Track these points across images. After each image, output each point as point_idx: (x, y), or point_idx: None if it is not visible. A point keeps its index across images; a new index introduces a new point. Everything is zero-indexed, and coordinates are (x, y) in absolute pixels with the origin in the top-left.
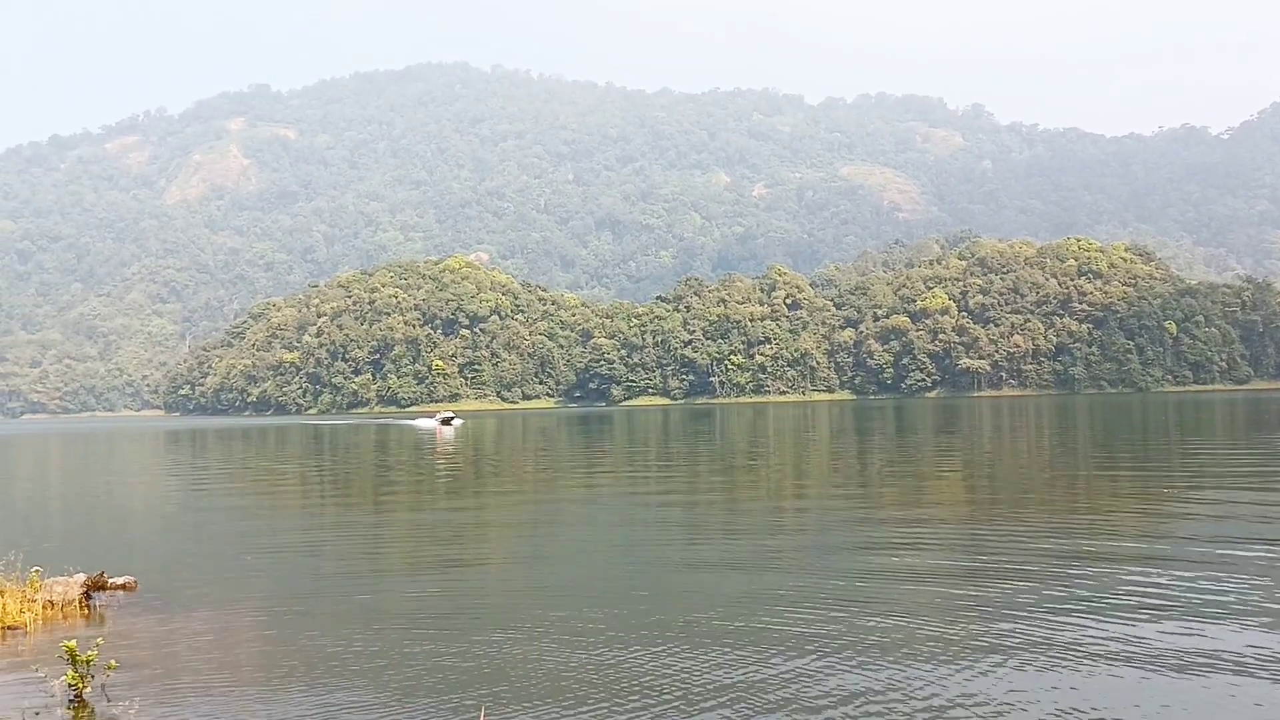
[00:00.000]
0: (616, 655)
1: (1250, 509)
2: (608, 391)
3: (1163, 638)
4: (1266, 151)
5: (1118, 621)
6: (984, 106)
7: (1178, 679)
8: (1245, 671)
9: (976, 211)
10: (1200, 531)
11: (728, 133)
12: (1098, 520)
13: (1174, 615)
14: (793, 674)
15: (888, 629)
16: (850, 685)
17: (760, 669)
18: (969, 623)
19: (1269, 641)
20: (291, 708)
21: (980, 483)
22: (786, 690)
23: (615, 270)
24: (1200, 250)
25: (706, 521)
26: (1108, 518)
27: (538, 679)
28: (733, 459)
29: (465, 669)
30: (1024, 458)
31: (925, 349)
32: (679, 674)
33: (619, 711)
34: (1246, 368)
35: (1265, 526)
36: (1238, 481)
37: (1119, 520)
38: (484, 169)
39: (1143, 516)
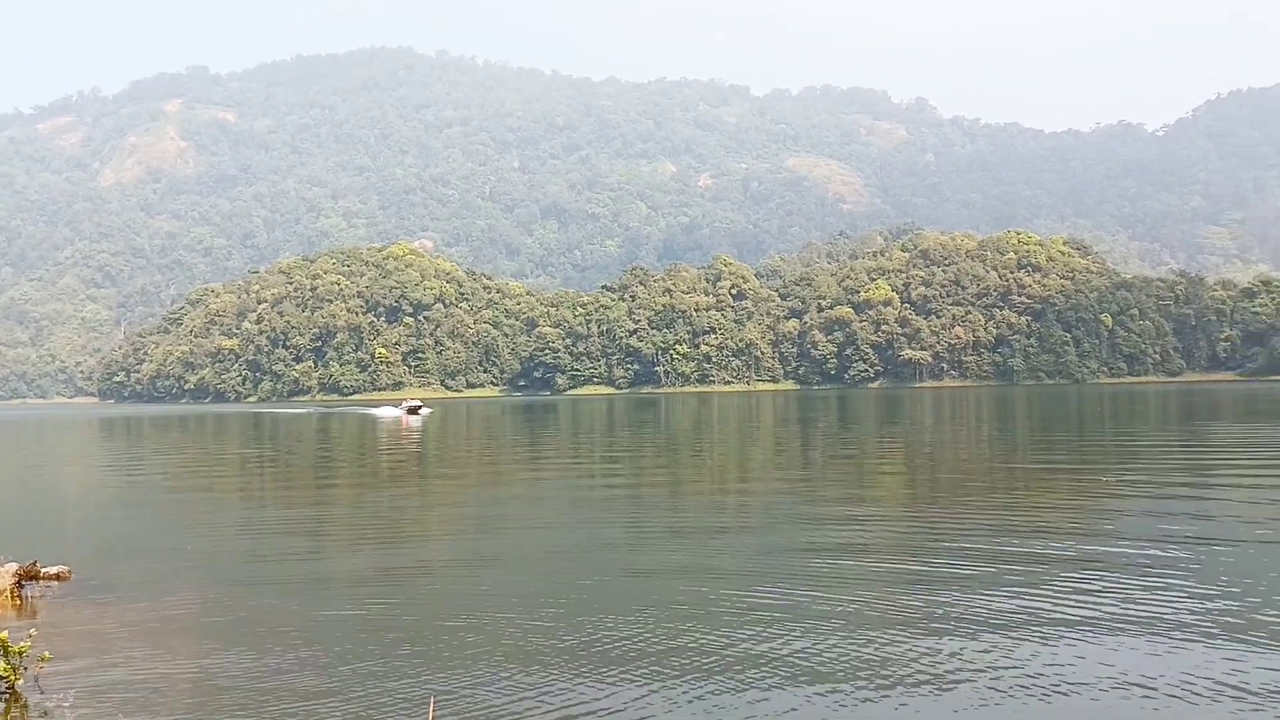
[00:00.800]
0: (567, 637)
1: (1183, 493)
2: (552, 380)
3: (1098, 608)
4: (1200, 149)
5: (1058, 598)
6: (927, 100)
7: (1114, 641)
8: (1180, 630)
9: (919, 204)
10: (1134, 512)
11: (674, 123)
12: (1036, 506)
13: (1109, 590)
14: (742, 645)
15: (833, 603)
16: (799, 655)
17: (712, 642)
18: (912, 598)
19: (1193, 604)
20: (230, 698)
21: (921, 471)
22: (738, 662)
23: (561, 259)
24: (1135, 245)
25: (652, 506)
26: (1046, 504)
27: (488, 666)
28: (677, 448)
29: (413, 657)
30: (964, 447)
31: (868, 340)
32: (632, 651)
33: (573, 691)
34: (1180, 360)
35: (1197, 504)
36: (1170, 470)
37: (1057, 506)
38: (428, 155)
39: (1080, 503)
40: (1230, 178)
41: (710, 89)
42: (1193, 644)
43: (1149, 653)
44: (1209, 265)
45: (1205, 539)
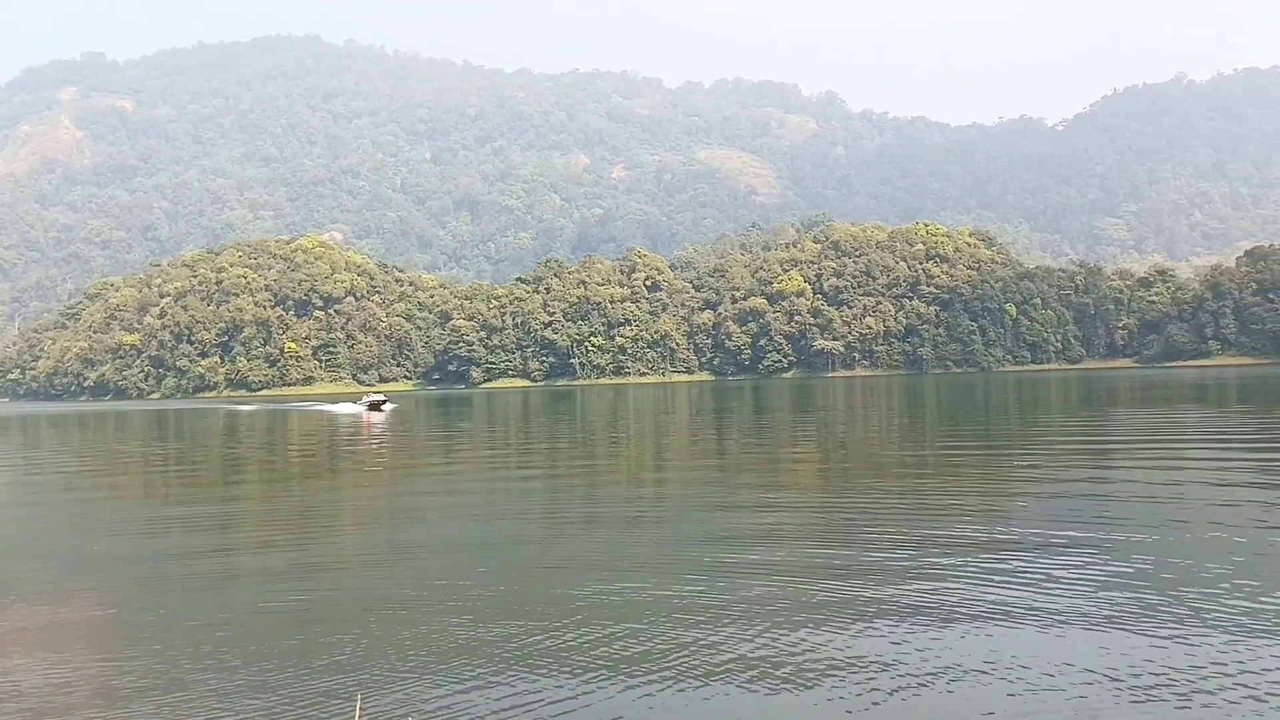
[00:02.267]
0: (492, 632)
1: (1087, 475)
2: (467, 374)
3: (1007, 592)
4: (1097, 143)
5: (969, 582)
6: (836, 94)
7: (1019, 626)
8: (1085, 616)
9: (830, 196)
10: (1042, 495)
11: (587, 114)
12: (948, 491)
13: (1019, 573)
14: (658, 636)
15: (747, 593)
16: (709, 647)
17: (635, 635)
18: (825, 586)
19: (1100, 587)
20: (139, 703)
21: (834, 459)
22: (663, 655)
23: (474, 251)
24: (1037, 236)
25: (569, 497)
26: (957, 488)
27: (414, 661)
28: (594, 439)
29: (335, 654)
30: (876, 435)
31: (782, 330)
32: (556, 646)
33: (501, 686)
34: (1079, 348)
35: (1100, 486)
36: (1074, 454)
37: (967, 491)
38: (337, 146)
39: (990, 486)
40: (1126, 171)
41: (623, 81)
42: (1101, 629)
43: (1057, 636)
44: (1107, 256)
45: (1110, 520)
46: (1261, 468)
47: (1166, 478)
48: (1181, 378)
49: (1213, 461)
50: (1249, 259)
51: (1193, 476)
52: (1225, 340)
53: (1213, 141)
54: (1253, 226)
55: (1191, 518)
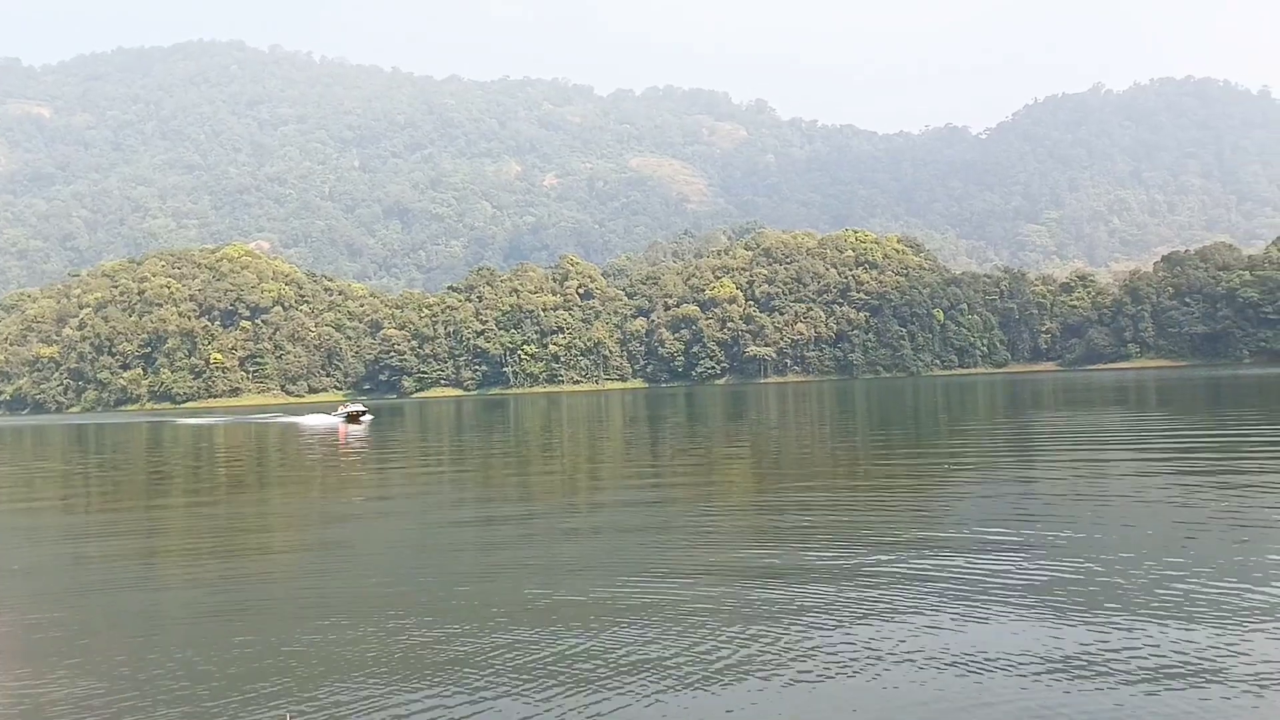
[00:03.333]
0: (425, 645)
1: (1013, 476)
2: (398, 383)
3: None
4: (1019, 151)
5: (900, 580)
6: (767, 102)
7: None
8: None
9: (761, 203)
10: (971, 495)
11: (518, 122)
12: (878, 492)
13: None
14: (592, 643)
15: (681, 597)
16: (654, 648)
17: (568, 641)
18: (759, 588)
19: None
20: None
21: (768, 463)
22: (598, 658)
23: (405, 260)
24: (963, 243)
25: (502, 504)
26: (888, 490)
27: (344, 679)
28: (527, 448)
29: (262, 672)
30: (808, 439)
31: (714, 337)
32: (493, 656)
33: (434, 699)
34: (1005, 352)
35: (1026, 486)
36: (1001, 455)
37: (898, 492)
38: (263, 154)
39: (920, 488)
40: (1047, 178)
41: (554, 88)
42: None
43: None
44: (1030, 262)
45: (1036, 518)
46: (1178, 469)
47: (1089, 478)
48: (1102, 380)
49: (1132, 463)
50: (1165, 264)
51: (1115, 472)
52: (1144, 343)
53: (1130, 150)
54: (1169, 233)
55: (1111, 516)
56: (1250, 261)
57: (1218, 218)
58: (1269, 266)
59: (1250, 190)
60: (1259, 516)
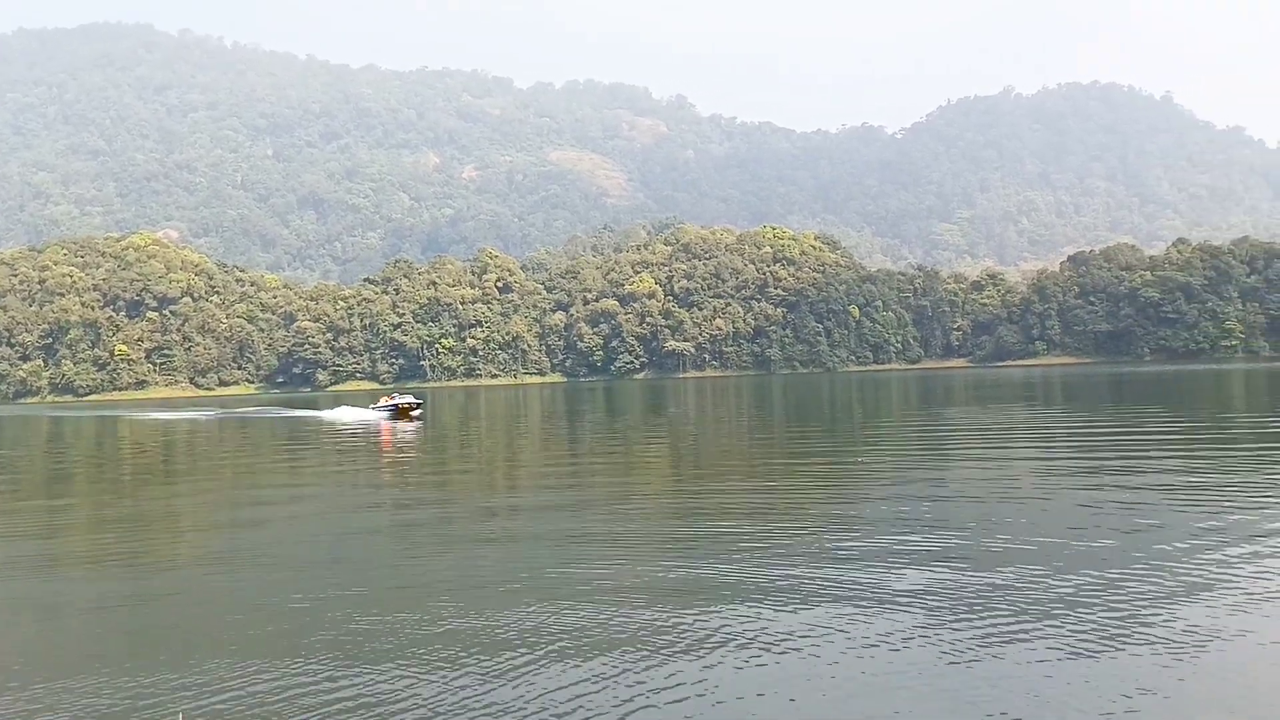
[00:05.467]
0: (321, 641)
1: (926, 470)
2: (313, 377)
3: (846, 581)
4: (933, 151)
5: (813, 573)
6: (686, 98)
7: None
8: (912, 599)
9: (680, 199)
10: (883, 492)
11: (437, 113)
12: (794, 487)
13: (861, 563)
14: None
15: (594, 616)
16: (576, 630)
17: (472, 678)
18: (677, 573)
19: (932, 576)
20: None
21: (685, 458)
22: (504, 697)
23: (320, 251)
24: (879, 240)
25: (418, 505)
26: (803, 485)
27: (241, 677)
28: (444, 441)
29: (157, 670)
30: (726, 434)
31: (633, 332)
32: (392, 646)
33: (330, 693)
34: (918, 349)
35: (937, 481)
36: (914, 449)
37: (813, 487)
38: (172, 141)
39: (834, 482)
40: (959, 178)
41: (473, 80)
42: (935, 615)
43: (878, 620)
44: (942, 260)
45: (947, 513)
46: (1083, 465)
47: (997, 473)
48: (1011, 376)
49: (1037, 461)
50: (1071, 264)
51: (1020, 470)
52: (1050, 341)
53: (1039, 152)
54: (1075, 233)
55: (1017, 513)
56: (1151, 262)
57: (1121, 219)
58: (1169, 267)
59: (1152, 193)
60: (1154, 513)
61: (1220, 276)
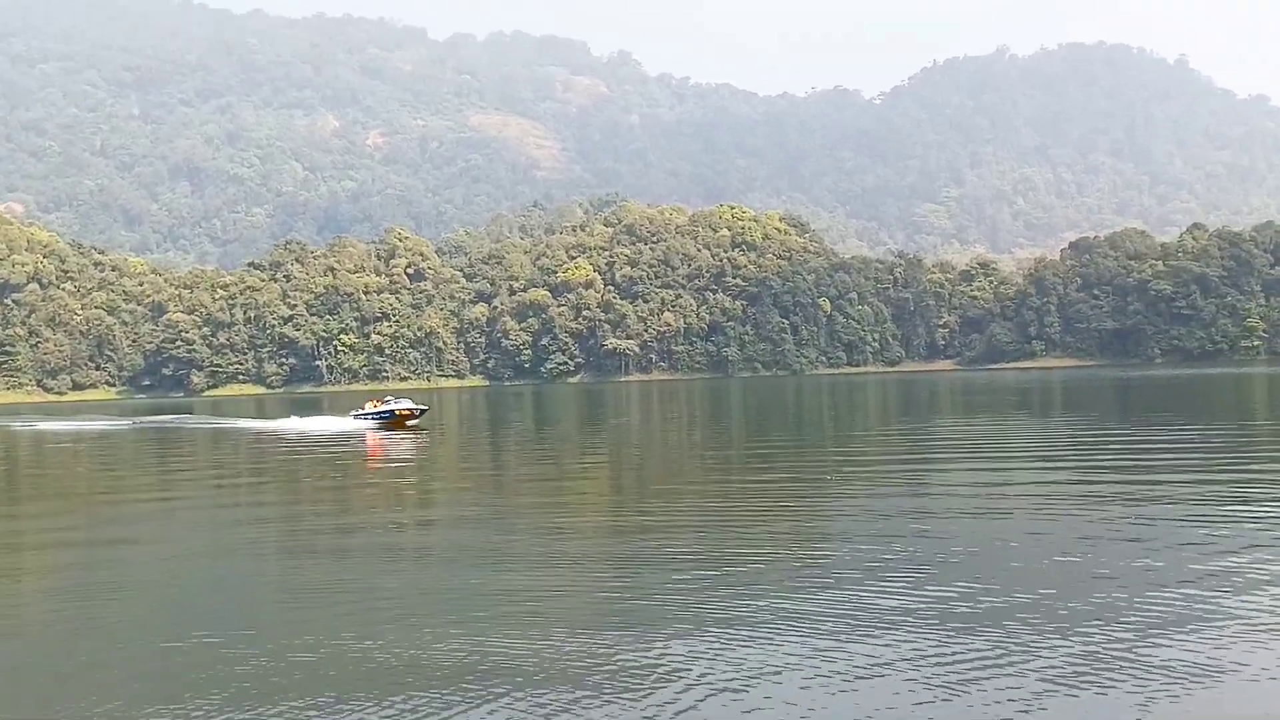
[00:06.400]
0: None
1: (904, 490)
2: (186, 379)
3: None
4: (915, 119)
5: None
6: (631, 54)
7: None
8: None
9: (623, 172)
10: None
11: (337, 68)
12: (754, 510)
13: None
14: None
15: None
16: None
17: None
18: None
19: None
20: None
21: (628, 476)
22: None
23: (195, 230)
24: (853, 223)
25: (315, 531)
26: (765, 506)
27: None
28: (347, 457)
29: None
30: (675, 448)
31: (567, 327)
32: (282, 677)
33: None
34: (898, 348)
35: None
36: (892, 466)
37: (776, 509)
38: (17, 96)
39: (801, 504)
40: (946, 152)
41: (381, 29)
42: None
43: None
44: (927, 246)
45: (930, 536)
46: (1084, 483)
47: (986, 492)
48: (1004, 381)
49: (1033, 479)
50: (1073, 252)
51: (1013, 490)
52: (1050, 340)
53: (1035, 122)
54: (1077, 216)
55: (1008, 537)
56: (1163, 250)
57: (1129, 200)
58: (1183, 256)
59: (1163, 171)
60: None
61: (1241, 267)
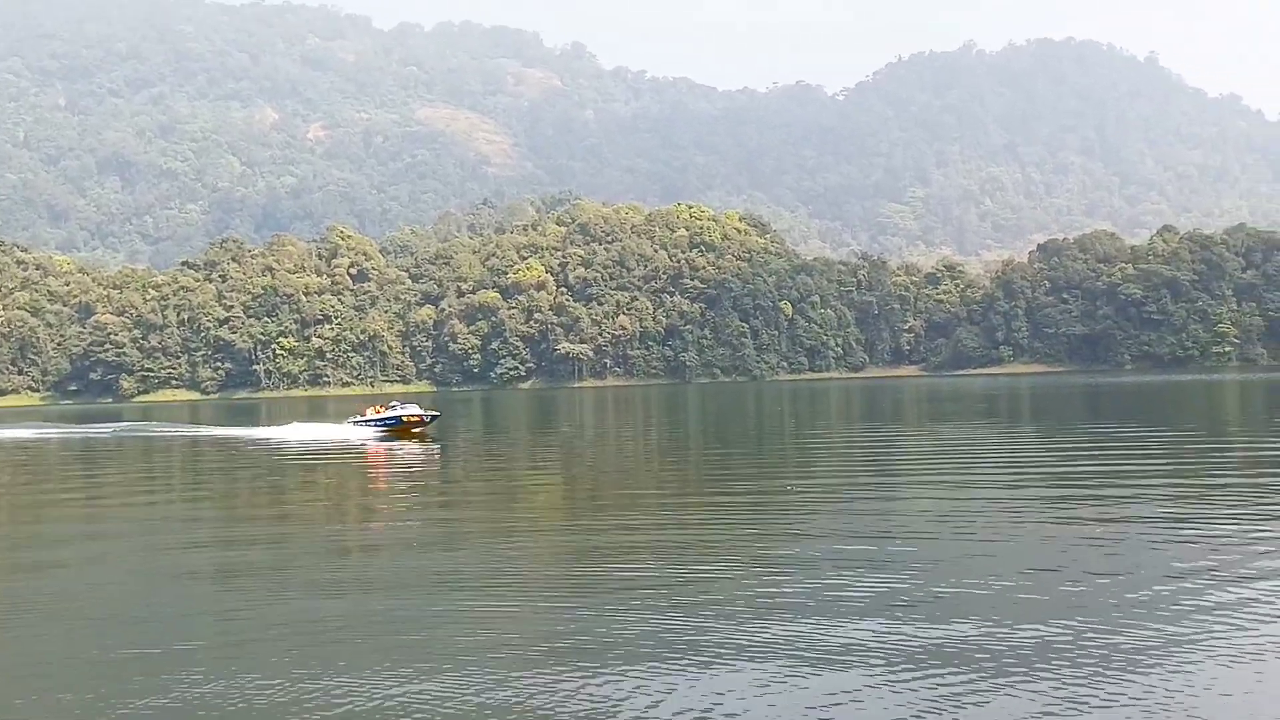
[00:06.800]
0: None
1: (868, 504)
2: (115, 384)
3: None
4: (881, 116)
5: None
6: (585, 46)
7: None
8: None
9: (577, 169)
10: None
11: (275, 57)
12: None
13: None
14: None
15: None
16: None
17: None
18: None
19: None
20: None
21: (581, 487)
22: None
23: (126, 227)
24: (816, 223)
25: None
26: (723, 519)
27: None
28: (282, 467)
29: None
30: (630, 457)
31: (518, 331)
32: None
33: None
34: (862, 354)
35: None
36: (855, 477)
37: (735, 522)
38: None
39: (760, 517)
40: (912, 150)
41: (322, 17)
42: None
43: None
44: (891, 247)
45: (894, 553)
46: (1052, 495)
47: (952, 504)
48: (970, 387)
49: (999, 490)
50: (1041, 254)
51: (980, 501)
52: (1017, 345)
53: (1003, 120)
54: (1045, 217)
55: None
56: (1134, 253)
57: (1099, 201)
58: (1154, 259)
59: (1135, 171)
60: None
61: (1212, 271)
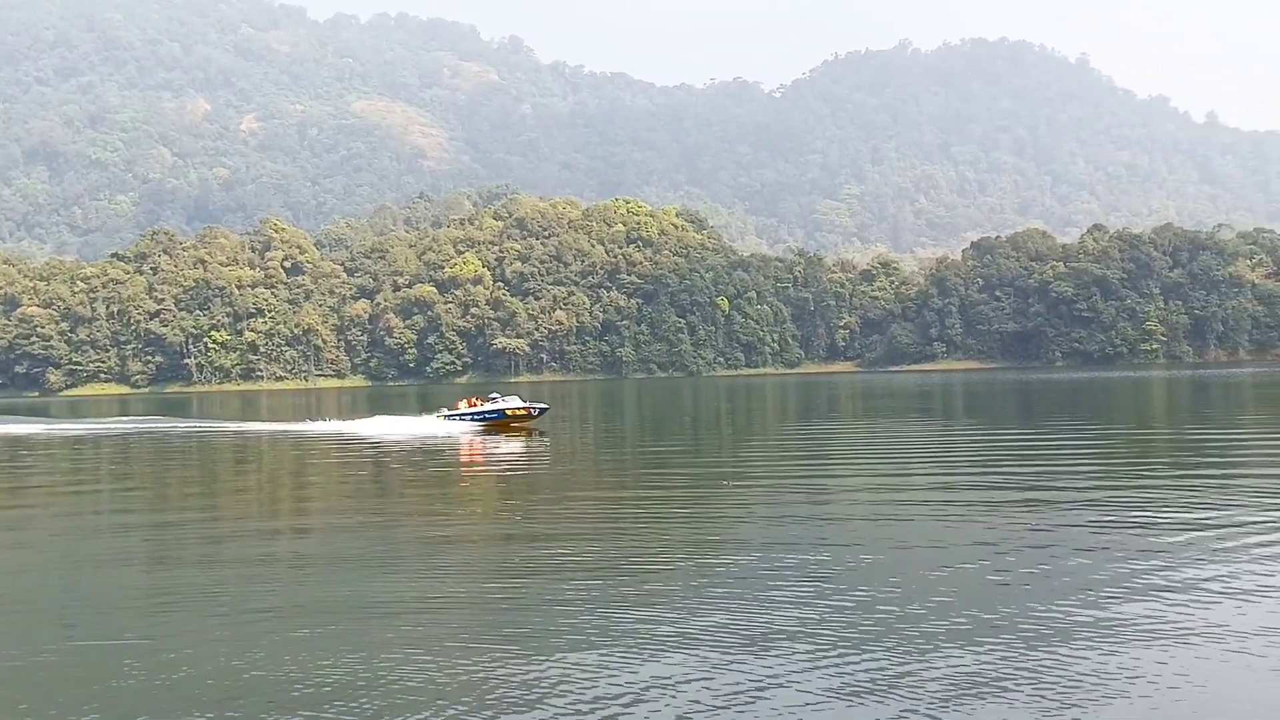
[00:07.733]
0: None
1: (802, 495)
2: (42, 378)
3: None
4: (817, 114)
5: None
6: (523, 40)
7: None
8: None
9: (514, 163)
10: (754, 519)
11: (208, 47)
12: (648, 517)
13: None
14: None
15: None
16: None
17: None
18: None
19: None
20: None
21: (513, 485)
22: None
23: (53, 218)
24: (752, 219)
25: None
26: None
27: None
28: (215, 464)
29: None
30: (566, 452)
31: (455, 325)
32: None
33: None
34: (798, 350)
35: (815, 509)
36: (790, 470)
37: (672, 516)
38: None
39: (698, 510)
40: (848, 147)
41: (256, 7)
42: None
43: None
44: (827, 244)
45: (828, 543)
46: (983, 487)
47: (886, 497)
48: (905, 383)
49: (932, 483)
50: (975, 252)
51: (913, 494)
52: (950, 342)
53: (938, 119)
54: (979, 215)
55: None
56: (1065, 251)
57: (1031, 200)
58: (1084, 258)
59: (1065, 172)
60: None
61: (1140, 269)
